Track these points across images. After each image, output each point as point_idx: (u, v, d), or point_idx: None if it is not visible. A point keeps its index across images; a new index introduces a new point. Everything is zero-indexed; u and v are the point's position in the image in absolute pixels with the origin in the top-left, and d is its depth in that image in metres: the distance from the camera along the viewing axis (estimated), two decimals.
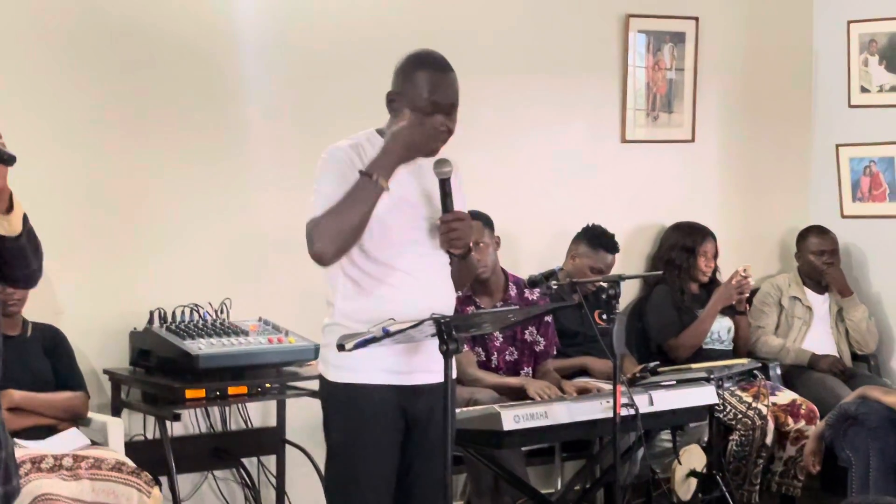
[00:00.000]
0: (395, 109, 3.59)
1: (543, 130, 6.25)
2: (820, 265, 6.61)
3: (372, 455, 3.56)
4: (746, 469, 5.75)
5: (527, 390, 5.08)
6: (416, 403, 3.59)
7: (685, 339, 6.06)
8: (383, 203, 3.50)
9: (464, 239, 3.56)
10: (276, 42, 5.55)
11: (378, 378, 3.55)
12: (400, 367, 3.55)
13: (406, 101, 3.54)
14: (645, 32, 6.52)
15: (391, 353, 3.50)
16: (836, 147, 6.92)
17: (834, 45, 6.92)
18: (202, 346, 4.88)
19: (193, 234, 5.38)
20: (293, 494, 5.48)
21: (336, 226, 3.47)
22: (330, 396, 3.64)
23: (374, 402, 3.55)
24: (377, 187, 3.45)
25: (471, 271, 3.79)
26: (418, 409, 3.59)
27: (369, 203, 3.47)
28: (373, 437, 3.56)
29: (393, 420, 3.58)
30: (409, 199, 3.58)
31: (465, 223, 3.55)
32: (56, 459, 4.40)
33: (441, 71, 3.55)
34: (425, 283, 3.57)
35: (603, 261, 5.76)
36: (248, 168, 5.51)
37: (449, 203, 3.55)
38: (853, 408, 5.26)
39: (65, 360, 4.84)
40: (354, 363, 3.52)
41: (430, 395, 3.58)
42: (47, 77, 5.09)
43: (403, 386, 3.57)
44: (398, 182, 3.55)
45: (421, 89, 3.51)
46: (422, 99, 3.51)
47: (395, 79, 3.60)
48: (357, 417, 3.57)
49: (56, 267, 5.02)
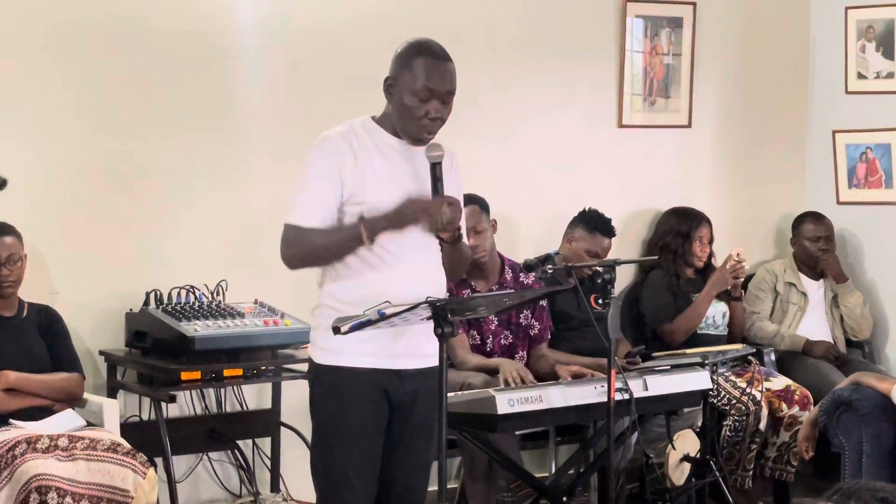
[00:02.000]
0: (391, 94, 3.62)
1: (540, 115, 6.25)
2: (815, 251, 6.61)
3: (356, 437, 3.59)
4: (740, 454, 5.77)
5: (500, 370, 5.10)
6: (400, 387, 3.61)
7: (680, 323, 6.07)
8: (374, 188, 3.54)
9: (453, 223, 3.57)
10: (274, 24, 5.54)
11: (362, 361, 3.57)
12: (384, 351, 3.57)
13: (403, 87, 3.56)
14: (642, 17, 6.52)
15: (375, 337, 3.51)
16: (833, 133, 6.93)
17: (831, 32, 6.91)
18: (198, 328, 4.89)
19: (190, 216, 5.38)
20: (288, 476, 5.49)
21: (310, 253, 3.58)
22: (316, 378, 3.67)
23: (358, 385, 3.58)
24: (359, 241, 3.51)
25: (463, 259, 3.80)
26: (401, 392, 3.62)
27: (348, 252, 3.54)
28: (358, 419, 3.59)
29: (377, 403, 3.60)
30: (401, 184, 3.58)
31: (455, 207, 3.56)
32: (51, 440, 4.41)
33: (439, 59, 3.58)
34: (414, 268, 3.59)
35: (599, 244, 5.76)
36: (245, 150, 5.51)
37: (439, 187, 3.55)
38: (847, 394, 5.27)
39: (61, 340, 4.84)
40: (340, 346, 3.55)
41: (414, 380, 3.62)
42: (45, 59, 5.08)
43: (387, 370, 3.59)
44: (390, 165, 3.58)
45: (418, 75, 3.54)
46: (418, 85, 3.54)
47: (393, 65, 3.62)
48: (341, 400, 3.60)
49: (52, 248, 5.04)
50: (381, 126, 3.65)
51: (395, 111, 3.61)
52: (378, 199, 3.54)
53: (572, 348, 5.59)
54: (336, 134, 3.61)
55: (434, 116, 3.56)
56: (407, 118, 3.57)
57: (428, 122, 3.56)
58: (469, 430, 4.62)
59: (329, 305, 3.61)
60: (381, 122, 3.66)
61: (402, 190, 3.56)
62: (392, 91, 3.61)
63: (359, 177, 3.56)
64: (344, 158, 3.55)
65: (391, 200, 3.53)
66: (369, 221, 3.51)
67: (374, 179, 3.56)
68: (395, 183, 3.57)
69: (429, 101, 3.55)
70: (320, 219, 3.56)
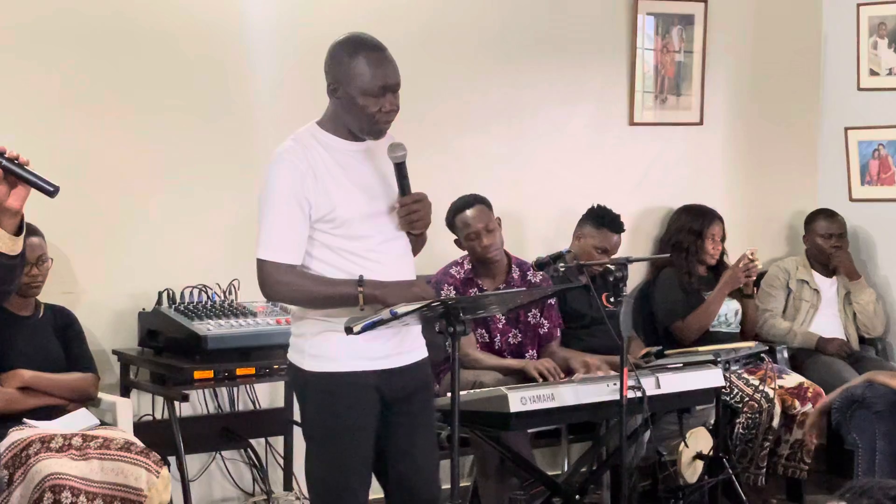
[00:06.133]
0: (340, 98, 3.57)
1: (552, 113, 6.25)
2: (828, 248, 6.60)
3: (354, 441, 3.61)
4: (753, 452, 5.76)
5: (527, 372, 5.11)
6: (392, 384, 3.63)
7: (692, 321, 6.06)
8: (341, 202, 3.53)
9: (424, 220, 3.59)
10: (283, 23, 5.55)
11: (359, 365, 3.58)
12: (377, 352, 3.58)
13: (352, 87, 3.52)
14: (654, 15, 6.51)
15: (367, 340, 3.51)
16: (845, 130, 6.91)
17: (843, 28, 6.90)
18: (210, 327, 4.90)
19: (202, 216, 5.39)
20: (301, 475, 5.47)
21: (300, 299, 3.60)
22: (308, 385, 3.64)
23: (354, 389, 3.58)
24: (355, 302, 3.50)
25: (419, 247, 3.79)
26: (394, 388, 3.64)
27: (336, 307, 3.53)
28: (353, 422, 3.60)
29: (371, 404, 3.62)
30: (365, 189, 3.59)
31: (424, 203, 3.58)
32: (65, 439, 4.42)
33: (379, 51, 3.55)
34: (391, 268, 3.60)
35: (608, 240, 5.75)
36: (257, 149, 5.50)
37: (406, 185, 3.57)
38: (860, 391, 5.26)
39: (75, 341, 4.85)
40: (333, 352, 3.56)
41: (405, 375, 3.65)
42: (58, 60, 5.09)
43: (381, 370, 3.61)
44: (349, 172, 3.57)
45: (365, 74, 3.51)
46: (368, 83, 3.50)
47: (333, 67, 3.58)
48: (337, 406, 3.59)
49: (66, 248, 5.05)
50: (330, 131, 3.61)
51: (346, 113, 3.57)
52: (347, 213, 3.54)
53: (584, 347, 5.58)
54: (289, 152, 3.56)
55: (389, 109, 3.55)
56: (362, 117, 3.54)
57: (383, 115, 3.54)
58: (481, 428, 4.63)
59: (310, 315, 3.61)
60: (329, 127, 3.62)
61: (367, 195, 3.56)
62: (338, 94, 3.56)
63: (322, 195, 3.53)
64: (304, 179, 3.52)
65: (360, 210, 3.55)
66: (369, 290, 3.50)
67: (338, 193, 3.54)
68: (359, 189, 3.57)
69: (383, 96, 3.52)
70: (296, 253, 3.55)
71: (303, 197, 3.51)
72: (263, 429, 5.50)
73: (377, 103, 3.52)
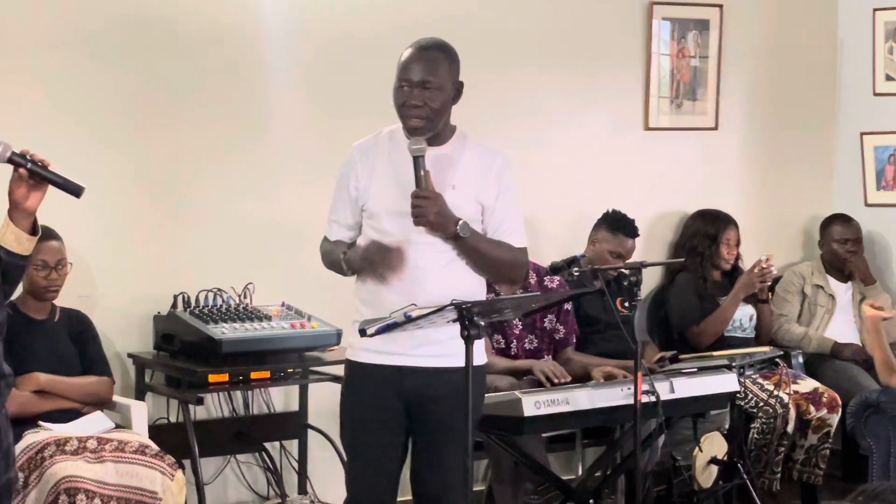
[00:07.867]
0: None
1: (567, 118, 6.25)
2: (843, 253, 6.59)
3: (365, 429, 3.76)
4: (767, 457, 5.75)
5: (533, 373, 5.11)
6: (404, 384, 3.70)
7: (707, 326, 6.05)
8: (375, 193, 3.73)
9: (423, 216, 3.60)
10: (299, 29, 5.56)
11: (368, 357, 3.73)
12: (385, 347, 3.67)
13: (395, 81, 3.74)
14: (669, 20, 6.51)
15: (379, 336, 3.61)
16: (861, 135, 6.90)
17: (859, 33, 6.89)
18: (225, 331, 4.90)
19: (217, 219, 5.40)
20: (315, 479, 5.50)
21: (327, 266, 3.90)
22: (344, 372, 3.88)
23: (366, 379, 3.74)
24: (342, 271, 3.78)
25: (480, 258, 3.73)
26: (406, 389, 3.70)
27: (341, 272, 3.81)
28: (368, 413, 3.74)
29: (385, 398, 3.72)
30: (403, 185, 3.66)
31: (430, 201, 3.59)
32: (80, 442, 4.44)
33: (417, 48, 3.71)
34: (416, 274, 3.65)
35: (623, 245, 5.74)
36: (271, 154, 5.53)
37: (421, 179, 3.62)
38: (875, 396, 5.25)
39: (91, 345, 4.86)
40: (354, 342, 3.76)
41: (415, 377, 3.69)
42: (78, 69, 5.10)
43: (388, 366, 3.70)
44: (398, 167, 3.69)
45: (398, 67, 3.71)
46: (397, 75, 3.70)
47: None
48: (354, 393, 3.79)
49: (82, 252, 5.06)
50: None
51: None
52: (375, 206, 3.72)
53: (599, 351, 5.58)
54: (356, 145, 3.82)
55: (412, 104, 3.64)
56: (396, 108, 3.72)
57: (407, 109, 3.66)
58: (496, 432, 4.63)
59: (356, 306, 3.79)
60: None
61: (403, 194, 3.62)
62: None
63: (364, 184, 3.73)
64: (354, 170, 3.76)
65: (388, 206, 3.68)
66: (349, 255, 3.73)
67: (375, 186, 3.72)
68: (396, 186, 3.67)
69: (408, 89, 3.65)
70: (336, 228, 3.83)
71: (352, 185, 3.77)
72: (278, 432, 5.51)
73: (402, 95, 3.67)
